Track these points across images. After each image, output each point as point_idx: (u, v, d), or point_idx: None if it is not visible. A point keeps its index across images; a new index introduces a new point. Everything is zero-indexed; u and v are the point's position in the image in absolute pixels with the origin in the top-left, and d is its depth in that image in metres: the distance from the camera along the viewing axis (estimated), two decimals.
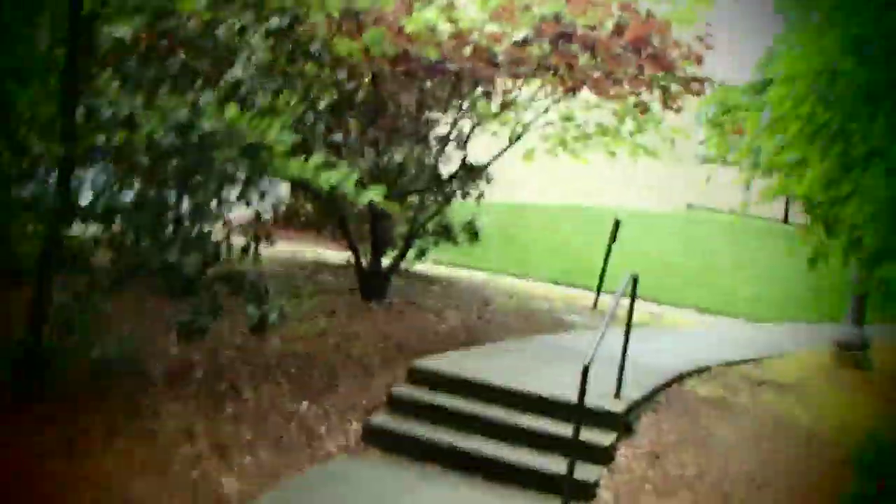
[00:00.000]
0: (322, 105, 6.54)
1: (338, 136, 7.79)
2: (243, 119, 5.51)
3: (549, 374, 6.87)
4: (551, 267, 14.80)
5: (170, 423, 5.73)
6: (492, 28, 7.72)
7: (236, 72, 4.97)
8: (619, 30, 7.52)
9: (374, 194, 6.24)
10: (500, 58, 7.86)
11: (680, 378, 7.58)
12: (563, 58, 7.73)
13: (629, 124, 10.65)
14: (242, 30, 5.20)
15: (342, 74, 7.12)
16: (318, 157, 6.09)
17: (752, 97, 6.92)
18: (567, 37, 7.39)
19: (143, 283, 6.49)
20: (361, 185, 6.55)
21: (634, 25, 7.49)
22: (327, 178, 6.21)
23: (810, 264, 6.41)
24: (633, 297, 6.76)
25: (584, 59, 7.84)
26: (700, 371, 8.00)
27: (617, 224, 11.39)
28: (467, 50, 7.73)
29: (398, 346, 7.41)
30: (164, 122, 4.87)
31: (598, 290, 11.28)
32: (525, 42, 7.73)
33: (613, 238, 11.38)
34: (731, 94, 7.40)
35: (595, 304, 11.16)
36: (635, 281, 6.70)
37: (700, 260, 18.37)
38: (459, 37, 7.77)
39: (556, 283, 13.70)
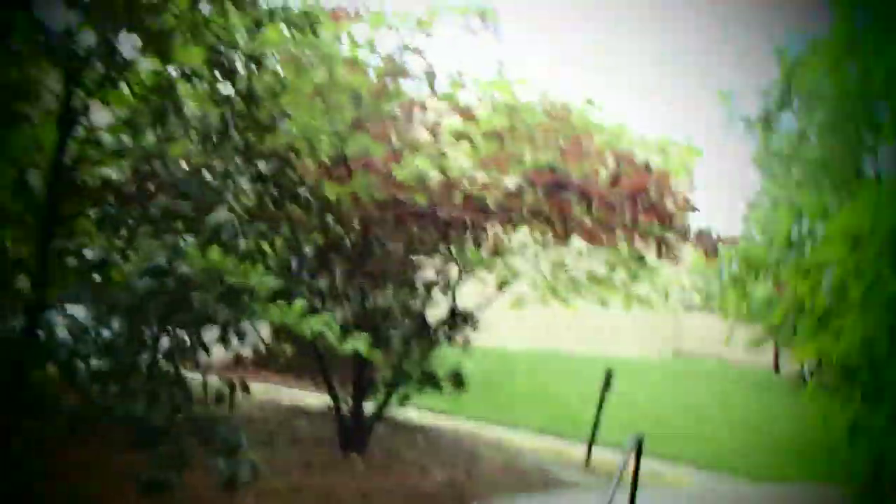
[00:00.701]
0: (307, 249, 6.36)
1: (322, 282, 7.58)
2: (225, 263, 5.30)
3: None
4: (538, 415, 14.35)
5: None
6: (482, 176, 7.68)
7: (219, 216, 4.80)
8: (615, 180, 7.49)
9: (358, 344, 5.98)
10: (491, 205, 7.79)
11: None
12: (557, 206, 7.67)
13: (621, 273, 10.56)
14: (228, 174, 5.07)
15: (329, 219, 6.97)
16: (300, 303, 5.86)
17: (783, 254, 6.78)
18: (562, 186, 7.34)
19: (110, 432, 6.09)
20: (345, 332, 6.32)
21: (632, 175, 7.47)
22: (310, 325, 5.97)
23: (850, 433, 6.11)
24: (639, 459, 6.36)
25: (578, 208, 7.78)
26: None
27: (609, 375, 11.06)
28: (457, 197, 7.66)
29: None
30: (143, 264, 4.65)
31: (590, 445, 10.82)
32: (517, 191, 7.68)
33: (606, 389, 11.03)
34: (754, 250, 7.29)
35: (587, 461, 10.68)
36: (640, 443, 6.34)
37: (693, 412, 17.91)
38: (449, 184, 7.72)
39: (543, 432, 13.24)
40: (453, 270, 9.72)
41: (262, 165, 5.50)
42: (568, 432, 13.41)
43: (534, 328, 24.78)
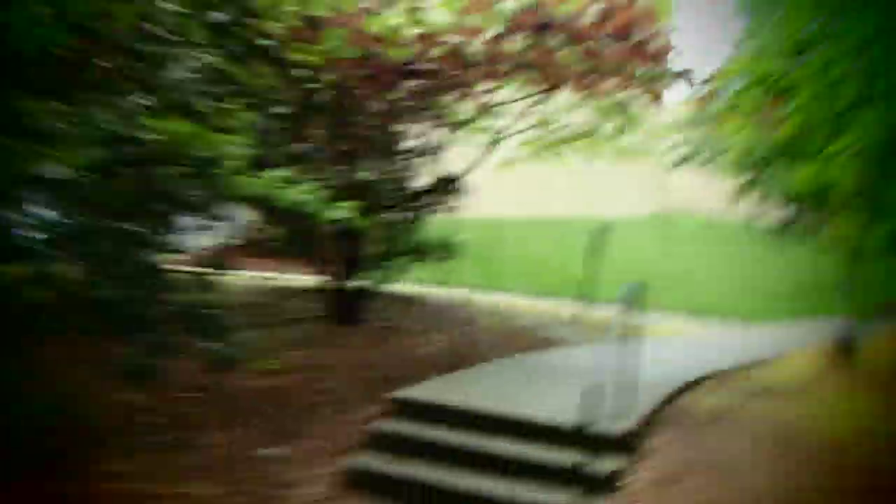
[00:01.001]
0: (280, 112, 5.82)
1: (300, 148, 7.06)
2: (188, 129, 4.80)
3: (542, 396, 6.22)
4: (530, 280, 14.19)
5: (114, 486, 4.96)
6: (462, 26, 7.09)
7: (174, 73, 4.26)
8: (602, 18, 6.87)
9: (343, 211, 5.58)
10: (474, 57, 7.21)
11: (681, 391, 6.98)
12: (542, 53, 7.11)
13: (609, 125, 10.08)
14: (180, 26, 4.49)
15: (299, 75, 6.34)
16: (279, 172, 5.42)
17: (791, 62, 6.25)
18: (546, 27, 6.73)
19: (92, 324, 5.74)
20: (328, 201, 5.91)
21: (619, 12, 6.86)
22: (290, 195, 5.54)
23: (855, 256, 5.83)
24: (633, 308, 6.09)
25: (565, 53, 7.23)
26: (702, 381, 7.42)
27: (597, 233, 10.74)
28: (437, 51, 7.07)
29: (378, 375, 6.67)
30: (93, 135, 4.12)
31: (582, 303, 10.63)
32: (500, 37, 7.08)
33: (598, 245, 10.73)
34: (760, 62, 6.72)
35: (577, 317, 10.51)
36: (639, 291, 6.07)
37: (680, 264, 17.86)
38: (428, 37, 7.13)
39: (537, 295, 13.11)
40: (438, 133, 9.22)
41: (220, 16, 4.92)
42: (560, 292, 13.25)
43: (520, 193, 24.42)
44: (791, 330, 12.04)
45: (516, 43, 7.25)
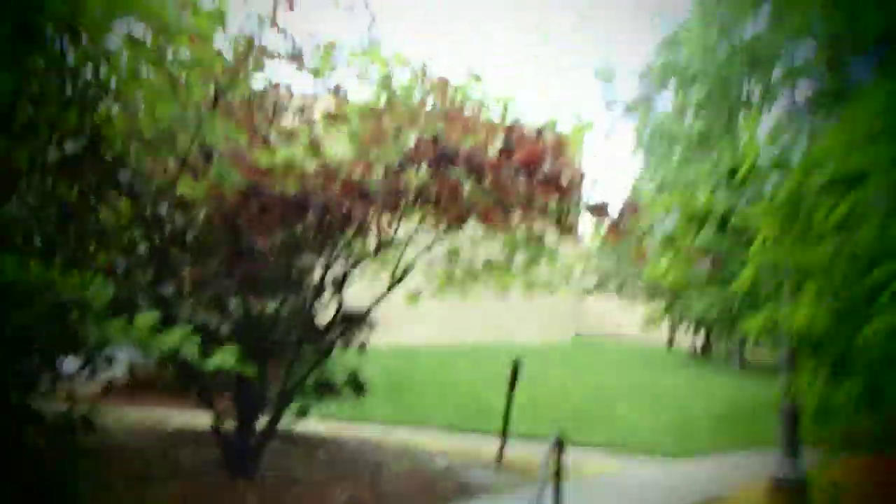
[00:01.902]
0: (141, 249, 5.22)
1: (178, 286, 6.41)
2: (45, 273, 4.18)
3: None
4: (445, 412, 13.49)
5: None
6: (360, 160, 6.72)
7: (15, 208, 3.69)
8: (507, 151, 6.57)
9: (224, 359, 4.94)
10: (374, 189, 6.80)
11: None
12: (446, 185, 6.76)
13: (520, 257, 9.77)
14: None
15: (164, 210, 5.69)
16: (149, 317, 4.77)
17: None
18: (448, 159, 6.39)
19: None
20: (210, 346, 5.27)
21: (525, 146, 6.58)
22: (163, 342, 4.88)
23: (816, 418, 5.44)
24: (560, 456, 5.49)
25: (468, 185, 6.88)
26: None
27: (516, 366, 10.23)
28: (335, 184, 6.65)
29: None
30: None
31: (503, 441, 9.98)
32: (401, 168, 6.71)
33: (514, 381, 10.20)
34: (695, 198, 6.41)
35: (499, 456, 9.83)
36: (561, 444, 5.51)
37: (599, 393, 17.41)
38: (325, 171, 6.72)
39: (452, 429, 12.41)
40: (341, 268, 8.70)
41: (70, 146, 4.38)
42: (478, 426, 12.61)
43: (432, 322, 23.94)
44: (723, 464, 11.56)
45: (417, 175, 6.90)
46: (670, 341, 40.05)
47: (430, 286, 10.02)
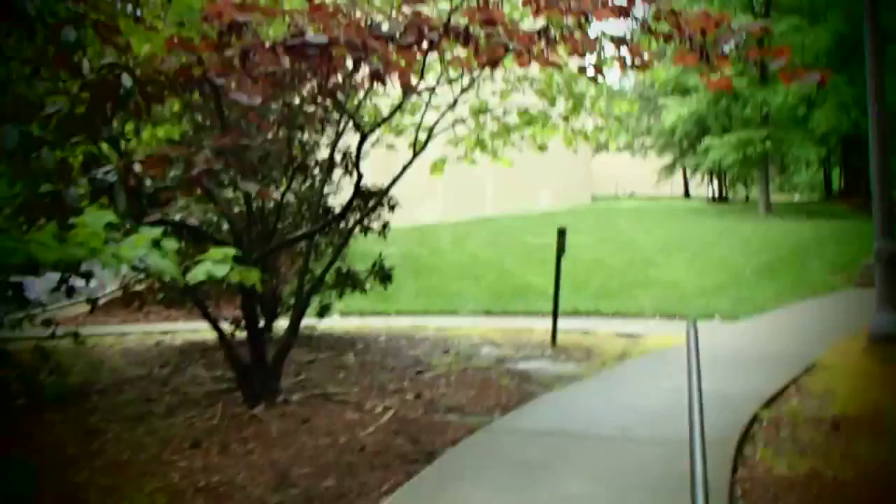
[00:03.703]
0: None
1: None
2: None
3: None
4: (477, 295, 12.09)
5: None
6: None
7: None
8: None
9: (212, 268, 3.39)
10: (387, 26, 5.03)
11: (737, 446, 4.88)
12: (480, 11, 4.96)
13: (561, 105, 8.07)
14: None
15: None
16: (96, 217, 3.18)
17: None
18: None
19: None
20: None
21: None
22: (123, 252, 3.31)
23: None
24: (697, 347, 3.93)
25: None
26: (749, 427, 5.31)
27: (561, 235, 8.68)
28: (336, 22, 4.87)
29: (299, 498, 4.33)
30: None
31: (555, 322, 8.54)
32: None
33: (561, 250, 8.66)
34: None
35: (553, 339, 8.42)
36: (695, 328, 3.99)
37: (634, 256, 15.99)
38: (322, 7, 4.94)
39: (488, 312, 11.04)
40: (351, 138, 7.03)
41: None
42: (515, 307, 11.23)
43: (442, 196, 22.40)
44: (794, 320, 10.15)
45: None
46: (686, 192, 38.64)
47: (455, 151, 8.38)
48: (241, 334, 6.80)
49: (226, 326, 6.80)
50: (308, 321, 7.67)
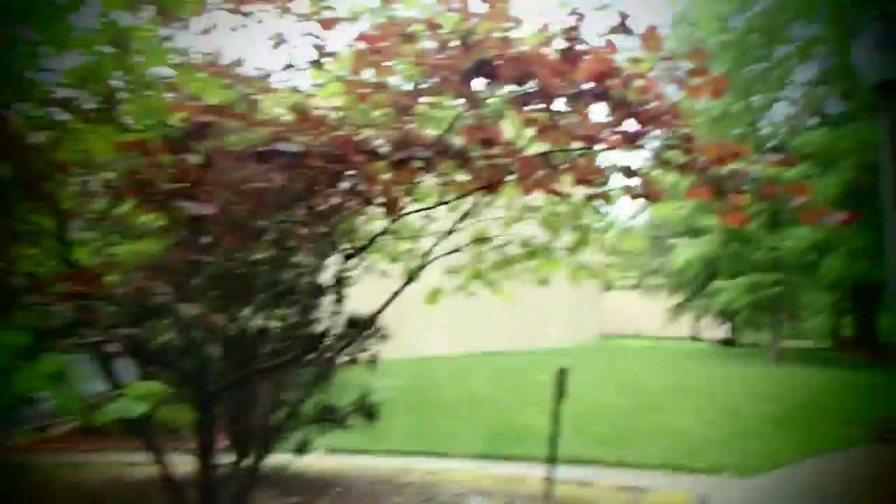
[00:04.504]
0: None
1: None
2: None
3: None
4: (473, 436, 11.27)
5: None
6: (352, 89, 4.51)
7: None
8: (570, 55, 4.23)
9: (127, 405, 2.76)
10: (379, 142, 4.60)
11: None
12: (480, 124, 4.51)
13: (566, 235, 7.57)
14: None
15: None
16: (52, 361, 2.61)
17: None
18: (486, 69, 4.08)
19: None
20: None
21: (591, 56, 4.27)
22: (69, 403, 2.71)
23: None
24: None
25: (512, 120, 4.67)
26: None
27: (562, 376, 7.99)
28: (321, 133, 4.45)
29: None
30: None
31: (550, 469, 7.72)
32: (414, 96, 4.46)
33: (560, 395, 7.95)
34: None
35: (548, 493, 7.57)
36: None
37: (640, 400, 15.16)
38: (304, 113, 4.53)
39: (484, 456, 10.19)
40: (338, 260, 6.52)
41: None
42: (513, 451, 10.39)
43: (444, 328, 21.76)
44: (810, 480, 9.27)
45: (439, 108, 4.70)
46: (695, 334, 37.88)
47: (452, 281, 7.84)
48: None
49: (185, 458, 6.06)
50: (285, 459, 6.94)
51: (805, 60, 26.69)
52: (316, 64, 5.35)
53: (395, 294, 6.27)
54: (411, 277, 6.74)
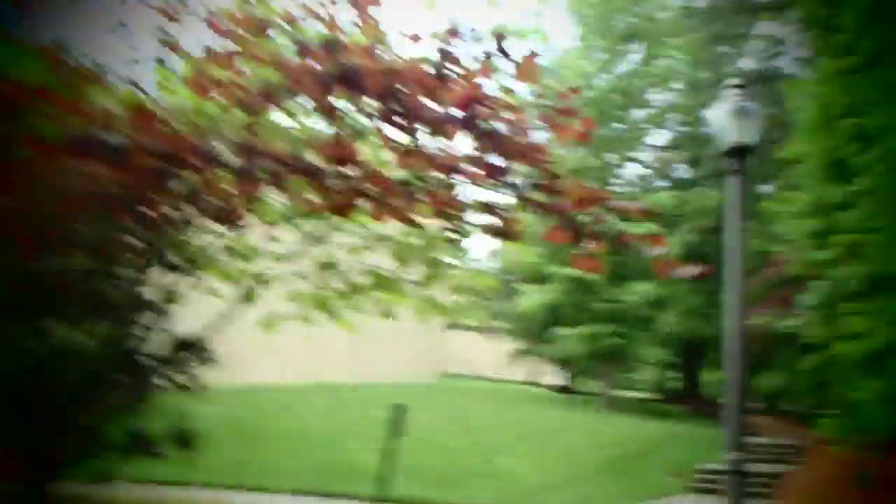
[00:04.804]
0: None
1: None
2: None
3: None
4: (299, 471, 10.78)
5: None
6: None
7: None
8: (440, 77, 3.96)
9: None
10: (222, 148, 4.19)
11: None
12: (342, 138, 4.18)
13: (417, 270, 7.35)
14: None
15: None
16: None
17: None
18: (352, 76, 3.73)
19: None
20: None
21: (460, 79, 4.02)
22: None
23: None
24: None
25: (372, 141, 4.39)
26: None
27: (398, 414, 7.70)
28: (154, 129, 3.98)
29: None
30: None
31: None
32: (264, 101, 4.07)
33: (396, 431, 7.65)
34: None
35: None
36: None
37: (477, 442, 15.11)
38: (141, 110, 4.06)
39: (308, 492, 9.75)
40: (164, 277, 5.99)
41: None
42: (340, 488, 10.00)
43: (280, 357, 20.95)
44: None
45: (295, 120, 4.35)
46: (533, 380, 38.64)
47: (293, 308, 7.42)
48: None
49: None
50: (84, 489, 6.26)
51: (659, 125, 28.30)
52: (160, 61, 4.89)
53: (227, 316, 5.81)
54: (246, 299, 6.29)
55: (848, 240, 9.98)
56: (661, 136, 29.03)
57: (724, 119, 7.58)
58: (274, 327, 7.15)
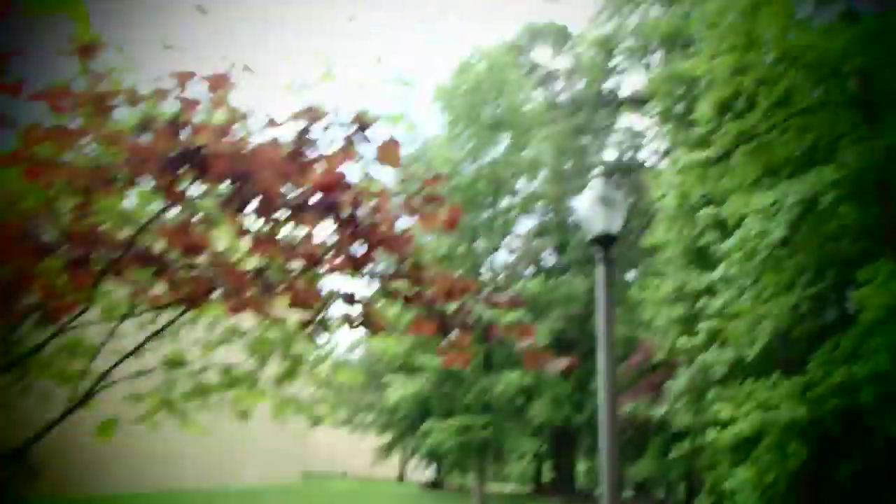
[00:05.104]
0: None
1: None
2: None
3: None
4: None
5: None
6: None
7: None
8: (295, 156, 3.75)
9: None
10: (50, 233, 3.84)
11: None
12: (184, 225, 3.91)
13: (274, 366, 7.00)
14: None
15: None
16: None
17: None
18: (194, 159, 3.49)
19: None
20: None
21: (319, 164, 3.86)
22: None
23: None
24: None
25: (223, 227, 4.14)
26: None
27: None
28: None
29: None
30: None
31: None
32: (107, 178, 3.73)
33: None
34: None
35: None
36: None
37: None
38: None
39: None
40: None
41: None
42: None
43: (126, 461, 19.61)
44: None
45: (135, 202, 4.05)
46: (401, 475, 37.85)
47: (133, 409, 6.88)
48: None
49: None
50: None
51: (526, 213, 29.19)
52: None
53: (55, 423, 5.27)
54: (79, 403, 5.75)
55: (712, 326, 10.38)
56: (528, 224, 29.94)
57: (589, 208, 7.80)
58: (110, 433, 6.57)
